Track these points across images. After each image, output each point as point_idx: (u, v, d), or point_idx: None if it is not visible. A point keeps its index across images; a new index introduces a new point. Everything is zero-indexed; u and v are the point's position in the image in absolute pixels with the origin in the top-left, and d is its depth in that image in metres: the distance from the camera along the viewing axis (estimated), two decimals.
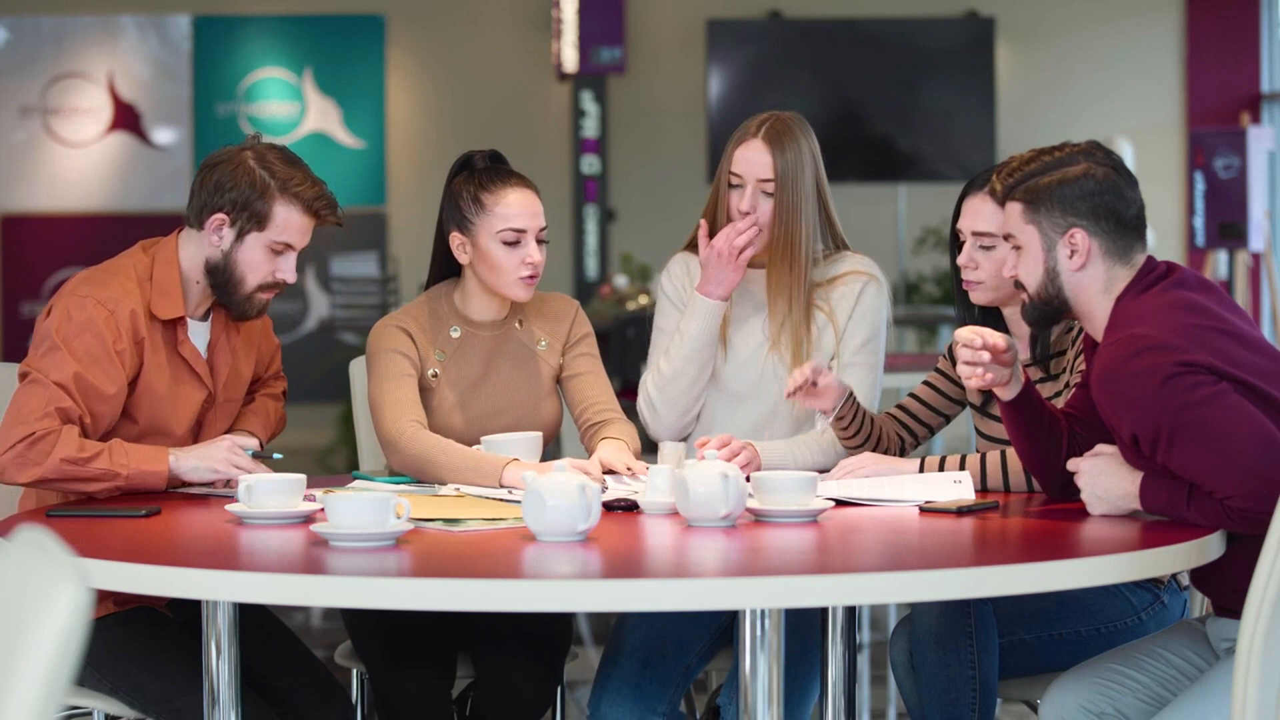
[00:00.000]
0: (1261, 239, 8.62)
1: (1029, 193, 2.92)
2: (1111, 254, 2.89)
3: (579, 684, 5.06)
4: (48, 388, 3.11)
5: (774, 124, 3.54)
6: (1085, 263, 2.89)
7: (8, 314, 10.42)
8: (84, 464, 3.08)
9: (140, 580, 2.50)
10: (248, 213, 3.20)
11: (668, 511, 2.88)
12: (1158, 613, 3.20)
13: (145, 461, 3.13)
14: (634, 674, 3.24)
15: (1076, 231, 2.88)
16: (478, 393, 3.47)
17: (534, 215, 3.47)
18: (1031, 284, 2.94)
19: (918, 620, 3.20)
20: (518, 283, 3.46)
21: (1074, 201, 2.88)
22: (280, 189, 3.20)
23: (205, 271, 3.24)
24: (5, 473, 3.10)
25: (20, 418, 3.10)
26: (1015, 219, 2.94)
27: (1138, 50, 10.25)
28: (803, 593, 2.37)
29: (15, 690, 1.50)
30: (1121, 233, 2.89)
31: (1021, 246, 2.94)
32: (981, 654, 3.12)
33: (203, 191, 3.23)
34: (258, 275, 3.23)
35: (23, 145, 10.41)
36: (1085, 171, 2.90)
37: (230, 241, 3.21)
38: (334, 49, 10.43)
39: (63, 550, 1.59)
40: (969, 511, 2.90)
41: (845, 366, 3.56)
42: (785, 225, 3.51)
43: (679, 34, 10.30)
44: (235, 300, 3.26)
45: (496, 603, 2.38)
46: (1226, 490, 2.70)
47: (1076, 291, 2.90)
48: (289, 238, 3.22)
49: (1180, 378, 2.71)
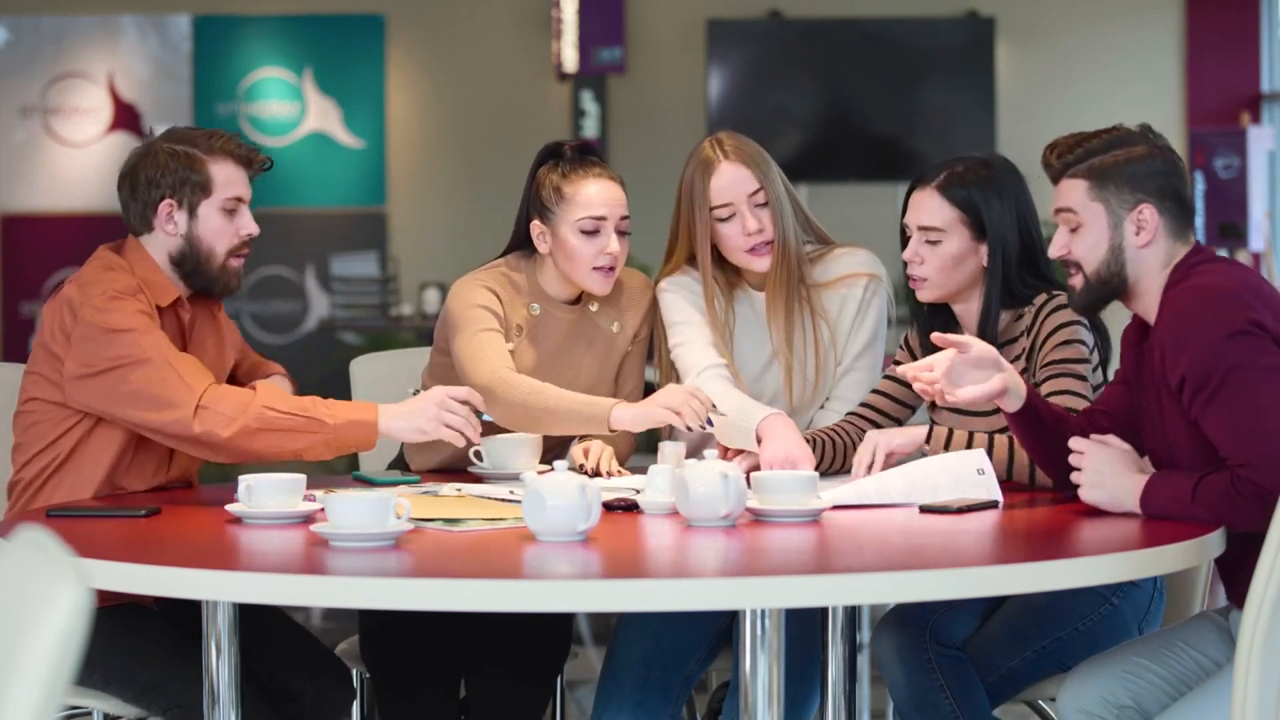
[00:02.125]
0: (1261, 239, 8.62)
1: (1094, 170, 2.91)
2: (1173, 233, 2.91)
3: (579, 684, 5.06)
4: (160, 363, 3.10)
5: (726, 142, 3.52)
6: (1151, 239, 2.90)
7: (8, 314, 10.42)
8: (287, 413, 3.06)
9: (140, 580, 2.50)
10: (189, 186, 3.25)
11: (668, 511, 2.88)
12: (1129, 594, 3.19)
13: (352, 412, 3.11)
14: (635, 688, 3.24)
15: (1145, 207, 2.89)
16: (550, 373, 3.46)
17: (614, 205, 3.46)
18: (1092, 262, 2.93)
19: (892, 691, 3.20)
20: (593, 274, 3.45)
21: (1142, 179, 2.90)
22: (205, 151, 3.27)
23: (173, 264, 3.28)
24: (209, 435, 3.05)
25: (175, 388, 3.07)
26: (1079, 195, 2.93)
27: (1138, 50, 10.24)
28: (803, 593, 2.37)
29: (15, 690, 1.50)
30: (1182, 212, 2.92)
31: (1083, 224, 2.93)
32: (961, 703, 3.11)
33: (136, 194, 3.28)
34: (224, 240, 3.27)
35: (23, 145, 10.41)
36: (1149, 151, 2.91)
37: (186, 221, 3.26)
38: (334, 49, 10.42)
39: (63, 550, 1.59)
40: (969, 511, 2.90)
41: (844, 371, 3.56)
42: (782, 223, 3.51)
43: (679, 34, 10.29)
44: (212, 276, 3.29)
45: (496, 603, 2.37)
46: (1244, 456, 2.69)
47: (1139, 268, 2.90)
48: (235, 191, 3.28)
49: (1248, 336, 2.73)
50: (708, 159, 3.49)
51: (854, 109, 10.03)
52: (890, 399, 3.44)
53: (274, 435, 3.06)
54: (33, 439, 3.23)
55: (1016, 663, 3.18)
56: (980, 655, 3.18)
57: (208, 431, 3.06)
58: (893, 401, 3.43)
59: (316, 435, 3.08)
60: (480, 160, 10.12)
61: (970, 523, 2.83)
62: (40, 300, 10.15)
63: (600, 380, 3.52)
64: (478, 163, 10.14)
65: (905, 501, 2.99)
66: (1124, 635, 3.18)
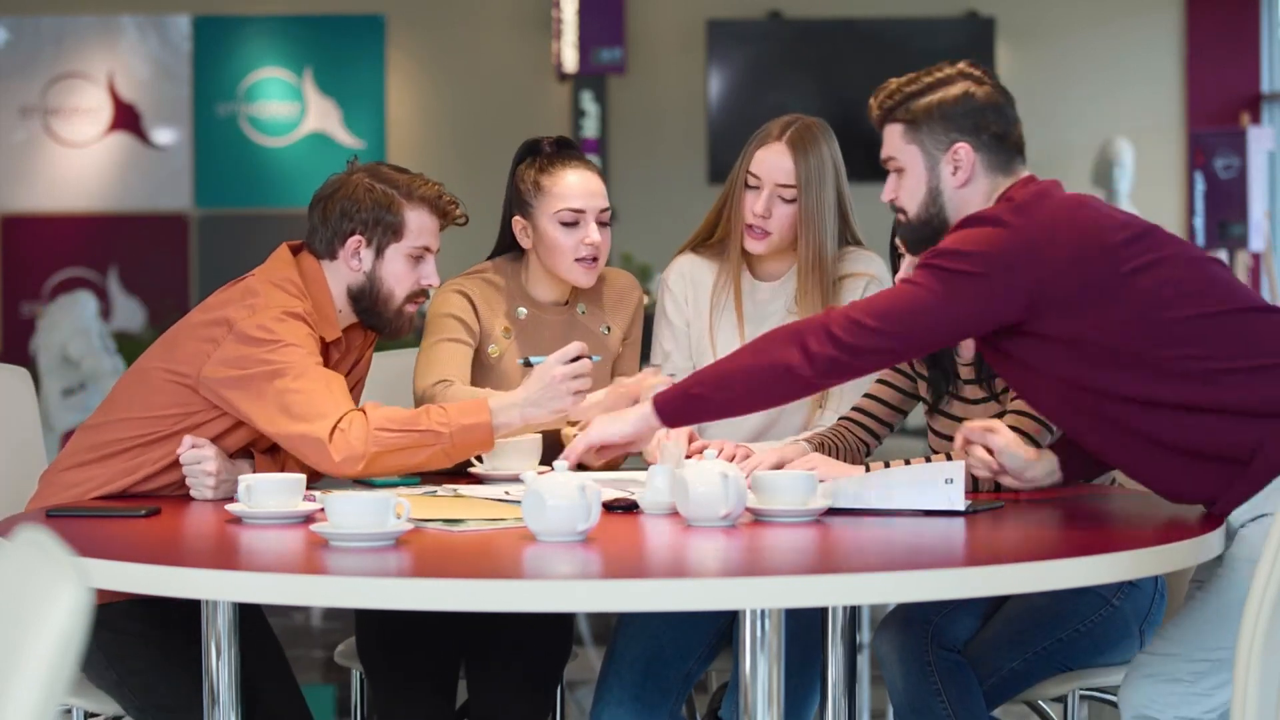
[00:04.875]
0: (1261, 239, 8.61)
1: (909, 114, 2.93)
2: (995, 167, 2.92)
3: (579, 684, 5.06)
4: (313, 377, 3.07)
5: (798, 128, 3.49)
6: (970, 178, 2.91)
7: (8, 314, 10.41)
8: (400, 431, 3.03)
9: (140, 580, 2.50)
10: (381, 227, 3.23)
11: (668, 511, 2.88)
12: (1130, 594, 3.19)
13: (464, 415, 3.08)
14: (634, 684, 3.24)
15: (960, 146, 2.90)
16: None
17: (592, 195, 3.46)
18: (913, 206, 2.96)
19: (890, 692, 3.20)
20: (575, 266, 3.45)
21: (957, 118, 2.90)
22: (406, 196, 3.24)
23: (349, 298, 3.26)
24: (345, 464, 3.02)
25: (320, 404, 3.04)
26: (896, 140, 2.96)
27: (1138, 50, 10.24)
28: (803, 593, 2.37)
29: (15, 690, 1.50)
30: (1003, 147, 2.91)
31: (904, 168, 2.95)
32: (957, 706, 3.11)
33: (328, 222, 3.25)
34: (404, 286, 3.26)
35: (23, 145, 10.41)
36: (965, 90, 2.91)
37: (371, 260, 3.24)
38: (334, 49, 10.42)
39: (63, 550, 1.59)
40: (971, 511, 2.90)
41: None
42: (812, 233, 3.48)
43: (679, 34, 10.29)
44: (386, 318, 3.27)
45: (496, 603, 2.37)
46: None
47: (958, 207, 2.92)
48: (425, 240, 3.26)
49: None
50: (769, 130, 3.52)
51: (854, 109, 10.01)
52: (882, 403, 3.43)
53: (392, 456, 3.05)
54: (138, 402, 3.17)
55: (1018, 664, 3.18)
56: (981, 656, 3.18)
57: (345, 460, 3.03)
58: (884, 405, 3.43)
59: (434, 447, 3.06)
60: (480, 160, 10.11)
61: (970, 523, 2.82)
62: (40, 300, 10.14)
63: (593, 384, 3.52)
64: (478, 163, 10.13)
65: (857, 506, 2.92)
66: (1125, 636, 3.18)
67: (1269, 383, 2.75)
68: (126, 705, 3.07)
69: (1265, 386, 2.75)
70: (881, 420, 3.42)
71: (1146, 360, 2.74)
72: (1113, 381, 2.76)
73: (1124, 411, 2.78)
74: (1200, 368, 2.74)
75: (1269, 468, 2.74)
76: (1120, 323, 2.74)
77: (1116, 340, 2.74)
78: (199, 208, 10.26)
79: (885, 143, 2.97)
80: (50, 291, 10.22)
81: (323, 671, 5.86)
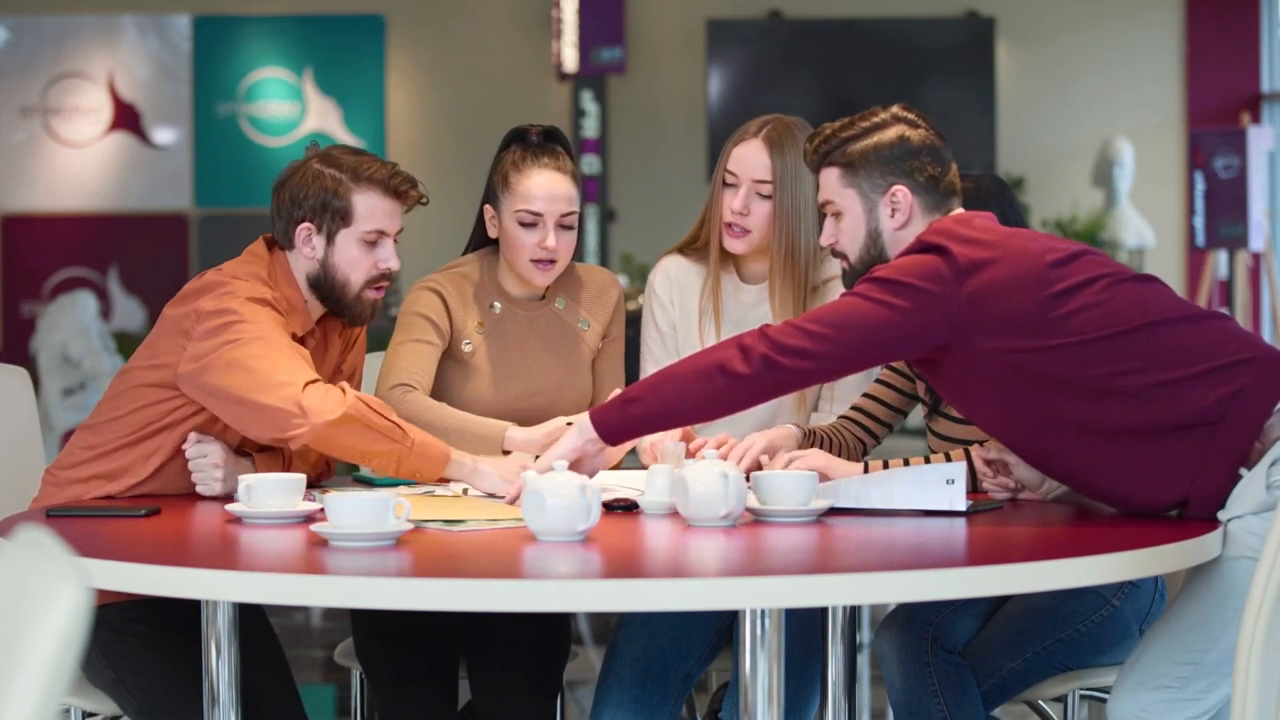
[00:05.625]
0: (1261, 239, 8.61)
1: (845, 158, 2.96)
2: (931, 208, 2.97)
3: (579, 684, 5.06)
4: (276, 345, 3.04)
5: (775, 126, 3.50)
6: (908, 219, 2.94)
7: (8, 314, 10.41)
8: (379, 414, 3.01)
9: (140, 580, 2.50)
10: (329, 212, 3.20)
11: (667, 511, 2.88)
12: (1130, 594, 3.19)
13: (430, 446, 3.06)
14: (634, 684, 3.23)
15: (897, 189, 2.94)
16: (513, 372, 3.46)
17: (553, 200, 3.43)
18: (854, 250, 2.99)
19: (889, 692, 3.20)
20: (530, 265, 3.44)
21: (892, 161, 2.94)
22: (352, 179, 3.20)
23: (310, 287, 3.24)
24: (312, 413, 2.96)
25: (286, 369, 3.01)
26: (833, 185, 2.99)
27: (1138, 50, 10.25)
28: (803, 593, 2.37)
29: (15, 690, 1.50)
30: (938, 189, 2.96)
31: (842, 212, 2.97)
32: (954, 709, 3.11)
33: (281, 210, 3.23)
34: (360, 271, 3.22)
35: (23, 145, 10.41)
36: (900, 134, 2.94)
37: (323, 247, 3.22)
38: (334, 49, 10.42)
39: (63, 550, 1.59)
40: (972, 512, 2.90)
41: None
42: (785, 231, 3.47)
43: (679, 34, 10.29)
44: (346, 305, 3.25)
45: (496, 603, 2.37)
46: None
47: (898, 249, 2.94)
48: (377, 224, 3.22)
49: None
50: (746, 129, 3.52)
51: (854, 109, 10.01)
52: (881, 403, 3.43)
53: (359, 429, 3.00)
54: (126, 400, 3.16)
55: (1018, 664, 3.18)
56: (981, 656, 3.18)
57: (316, 408, 2.97)
58: (884, 406, 3.43)
59: (396, 445, 3.03)
60: (480, 160, 10.06)
61: (970, 523, 2.83)
62: (40, 300, 10.14)
63: (568, 379, 3.50)
64: (477, 163, 10.10)
65: (858, 505, 2.92)
66: (1125, 636, 3.18)
67: (1205, 388, 2.75)
68: (125, 705, 3.06)
69: (1201, 393, 2.75)
70: (880, 420, 3.42)
71: (1078, 380, 2.77)
72: (1047, 399, 2.79)
73: (1060, 427, 2.80)
74: (1127, 384, 2.76)
75: (1228, 460, 2.75)
76: (1051, 346, 2.77)
77: (1047, 359, 2.77)
78: (199, 207, 10.27)
79: (822, 187, 3.02)
80: (50, 291, 10.22)
81: (323, 671, 5.87)
